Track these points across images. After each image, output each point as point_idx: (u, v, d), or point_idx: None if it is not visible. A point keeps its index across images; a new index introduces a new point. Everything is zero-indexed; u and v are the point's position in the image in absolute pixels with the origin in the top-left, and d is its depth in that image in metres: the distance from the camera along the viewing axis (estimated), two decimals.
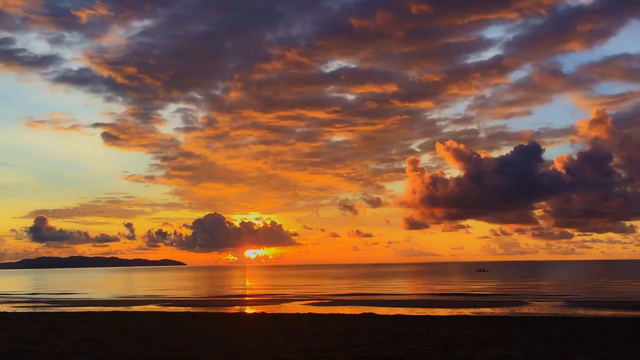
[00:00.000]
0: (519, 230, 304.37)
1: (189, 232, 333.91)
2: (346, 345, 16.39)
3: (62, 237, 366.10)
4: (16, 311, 37.58)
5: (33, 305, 46.80)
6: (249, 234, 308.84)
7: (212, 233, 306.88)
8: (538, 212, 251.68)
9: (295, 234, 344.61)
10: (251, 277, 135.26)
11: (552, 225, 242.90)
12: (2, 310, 37.30)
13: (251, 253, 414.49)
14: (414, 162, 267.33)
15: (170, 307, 41.03)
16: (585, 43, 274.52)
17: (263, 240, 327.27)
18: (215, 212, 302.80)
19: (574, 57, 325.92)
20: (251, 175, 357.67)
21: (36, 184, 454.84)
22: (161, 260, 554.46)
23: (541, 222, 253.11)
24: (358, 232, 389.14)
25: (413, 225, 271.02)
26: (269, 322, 24.82)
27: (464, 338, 17.80)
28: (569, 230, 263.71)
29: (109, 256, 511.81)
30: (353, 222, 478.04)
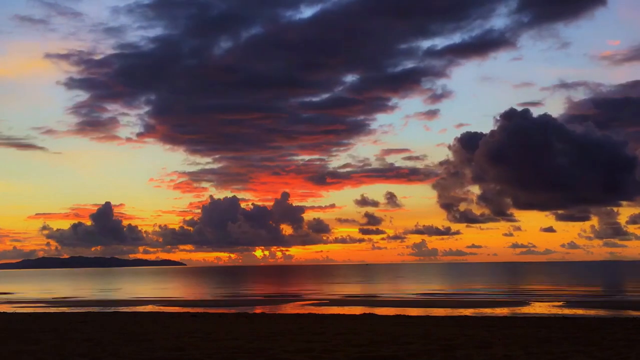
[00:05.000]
0: None
1: (189, 232, 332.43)
2: (346, 345, 16.39)
3: (61, 237, 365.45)
4: (16, 311, 37.60)
5: (33, 306, 46.81)
6: (253, 233, 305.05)
7: (212, 233, 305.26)
8: None
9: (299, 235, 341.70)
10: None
11: None
12: (2, 311, 37.30)
13: (258, 253, 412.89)
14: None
15: (170, 307, 41.04)
16: None
17: (268, 239, 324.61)
18: (215, 212, 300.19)
19: None
20: (240, 178, 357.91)
21: (33, 186, 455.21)
22: (161, 261, 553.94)
23: None
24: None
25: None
26: (269, 322, 24.81)
27: (464, 338, 17.79)
28: None
29: (108, 256, 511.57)
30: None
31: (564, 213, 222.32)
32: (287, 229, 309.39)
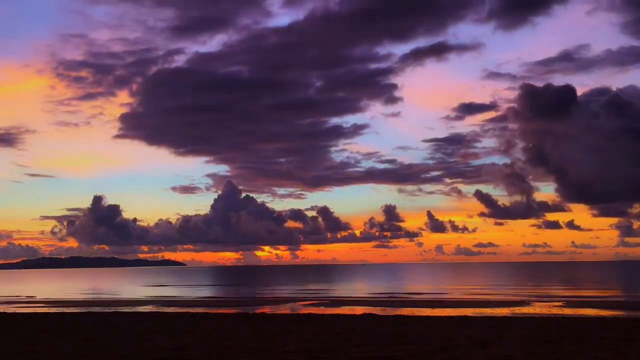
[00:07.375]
0: None
1: (188, 232, 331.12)
2: (346, 345, 16.38)
3: (61, 237, 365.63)
4: (16, 311, 37.60)
5: (33, 306, 46.81)
6: (255, 233, 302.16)
7: (213, 233, 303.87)
8: None
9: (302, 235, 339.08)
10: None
11: None
12: (2, 311, 37.30)
13: (260, 252, 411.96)
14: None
15: (170, 307, 41.04)
16: None
17: (270, 239, 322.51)
18: (215, 211, 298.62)
19: None
20: (235, 180, 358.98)
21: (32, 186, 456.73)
22: (161, 261, 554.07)
23: None
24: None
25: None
26: (269, 322, 24.81)
27: (464, 338, 17.78)
28: None
29: (108, 257, 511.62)
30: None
31: (601, 208, 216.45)
32: (288, 229, 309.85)
